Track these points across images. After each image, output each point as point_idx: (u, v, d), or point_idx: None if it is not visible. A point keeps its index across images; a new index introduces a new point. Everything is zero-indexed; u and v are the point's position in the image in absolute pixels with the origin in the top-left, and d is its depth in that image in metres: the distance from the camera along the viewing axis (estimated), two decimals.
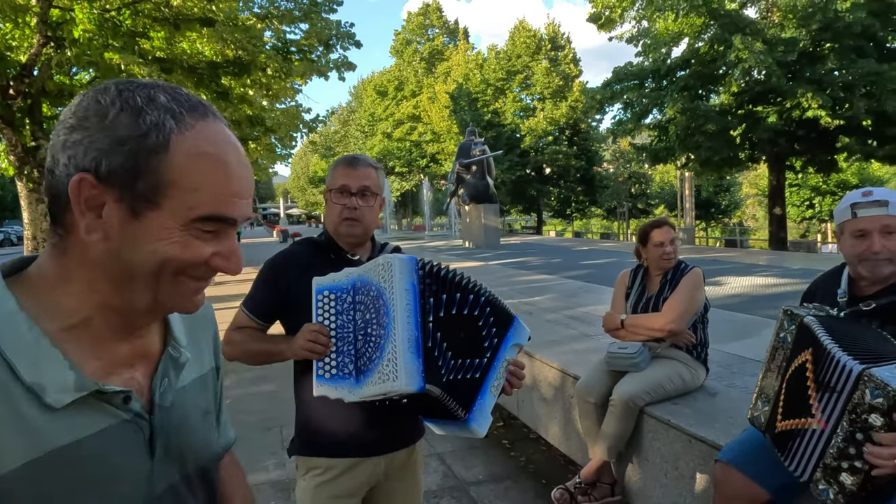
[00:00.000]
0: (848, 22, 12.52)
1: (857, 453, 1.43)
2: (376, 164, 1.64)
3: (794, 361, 1.70)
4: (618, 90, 16.40)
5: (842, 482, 1.45)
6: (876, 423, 1.38)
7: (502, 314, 1.40)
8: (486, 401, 1.35)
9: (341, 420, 1.51)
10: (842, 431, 1.45)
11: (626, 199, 33.12)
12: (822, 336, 1.60)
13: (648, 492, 2.69)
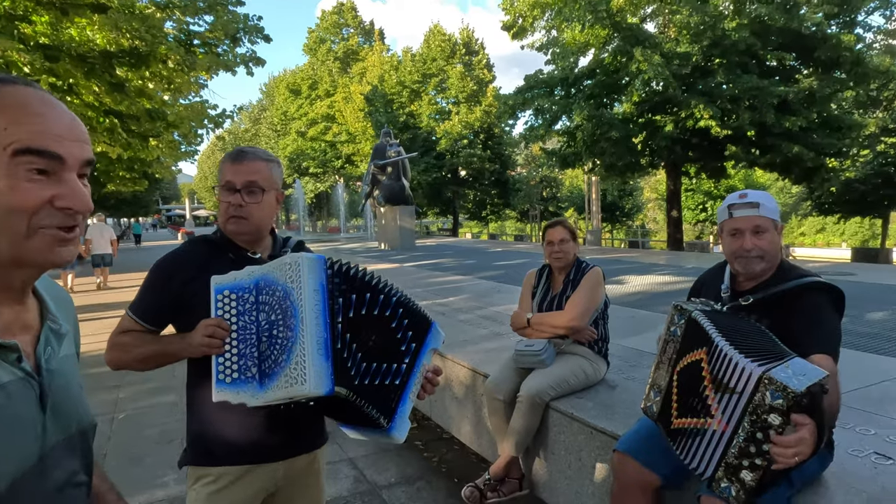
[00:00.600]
0: (734, 40, 13.58)
1: (757, 451, 1.50)
2: (268, 156, 1.55)
3: (687, 357, 1.81)
4: (529, 97, 16.90)
5: (742, 479, 1.52)
6: (775, 423, 1.46)
7: (419, 319, 1.39)
8: (406, 408, 1.34)
9: (237, 426, 1.44)
10: (743, 432, 1.52)
11: (537, 202, 34.21)
12: (713, 333, 1.70)
13: (554, 484, 2.78)
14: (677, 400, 1.80)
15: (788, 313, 1.84)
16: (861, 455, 2.11)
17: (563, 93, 16.96)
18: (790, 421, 1.44)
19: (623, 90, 15.47)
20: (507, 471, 2.82)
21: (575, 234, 2.99)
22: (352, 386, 1.23)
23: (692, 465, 1.67)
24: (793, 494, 1.79)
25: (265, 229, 1.57)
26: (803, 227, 53.81)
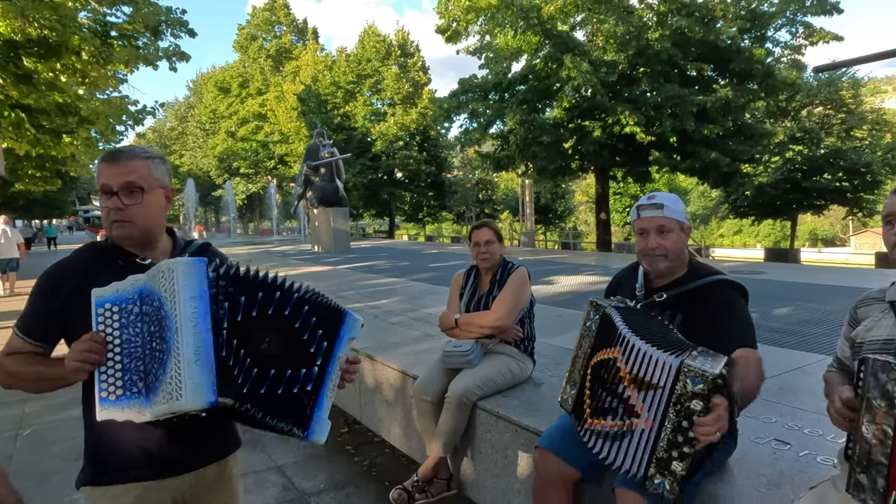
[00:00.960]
0: (657, 50, 14.25)
1: (684, 440, 1.54)
2: (148, 153, 1.45)
3: (601, 353, 1.87)
4: (464, 100, 17.08)
5: (674, 471, 1.56)
6: (697, 408, 1.51)
7: (328, 313, 1.33)
8: (323, 411, 1.30)
9: (134, 441, 1.36)
10: (669, 424, 1.56)
11: (473, 204, 34.61)
12: (625, 330, 1.74)
13: (481, 482, 2.81)
14: (590, 396, 1.86)
15: (702, 309, 1.93)
16: (762, 442, 2.25)
17: (497, 97, 17.24)
18: (710, 405, 1.50)
19: (554, 96, 15.90)
20: (435, 471, 2.83)
21: (500, 235, 3.04)
22: (241, 395, 1.17)
23: (623, 467, 1.67)
24: (700, 480, 1.88)
25: (155, 231, 1.46)
26: (722, 228, 57.05)
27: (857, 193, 22.92)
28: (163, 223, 1.48)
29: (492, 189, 38.21)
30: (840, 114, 24.41)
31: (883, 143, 24.08)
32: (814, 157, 22.80)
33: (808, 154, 23.05)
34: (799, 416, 2.51)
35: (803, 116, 24.49)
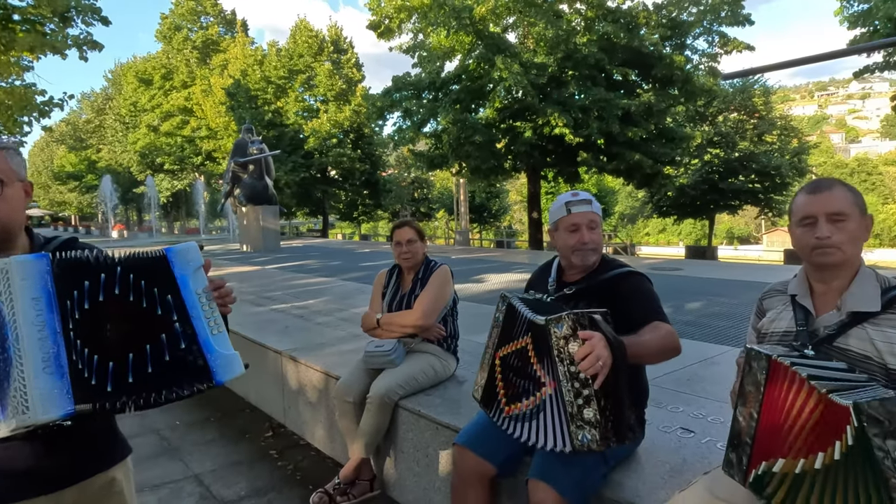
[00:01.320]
0: (584, 54, 14.69)
1: (581, 384, 1.61)
2: (3, 143, 1.34)
3: (511, 344, 1.91)
4: (397, 98, 17.01)
5: (587, 419, 1.61)
6: (574, 349, 1.60)
7: (152, 264, 1.22)
8: (216, 353, 1.21)
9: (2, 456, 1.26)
10: (564, 377, 1.63)
11: (409, 203, 34.54)
12: (525, 311, 1.82)
13: (403, 481, 2.80)
14: (504, 384, 1.90)
15: (614, 298, 2.00)
16: (669, 431, 2.36)
17: (430, 96, 17.27)
18: (579, 337, 1.60)
19: (486, 96, 16.10)
20: (357, 473, 2.80)
21: (423, 233, 3.04)
22: (105, 395, 1.10)
23: (548, 445, 1.70)
24: (608, 471, 1.95)
25: (14, 228, 1.33)
26: (648, 227, 59.66)
27: (768, 194, 24.57)
28: (23, 219, 1.36)
29: (427, 188, 38.26)
30: (753, 119, 26.03)
31: (790, 147, 25.87)
32: (729, 160, 24.24)
33: (724, 157, 24.48)
34: (703, 404, 2.65)
35: (720, 121, 25.95)
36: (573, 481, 1.80)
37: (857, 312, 1.41)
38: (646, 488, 1.90)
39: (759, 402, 1.30)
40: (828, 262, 1.45)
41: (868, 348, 1.38)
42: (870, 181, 65.52)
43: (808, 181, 1.33)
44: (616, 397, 1.64)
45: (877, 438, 1.02)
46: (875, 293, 1.42)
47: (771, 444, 1.27)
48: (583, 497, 1.84)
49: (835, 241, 1.42)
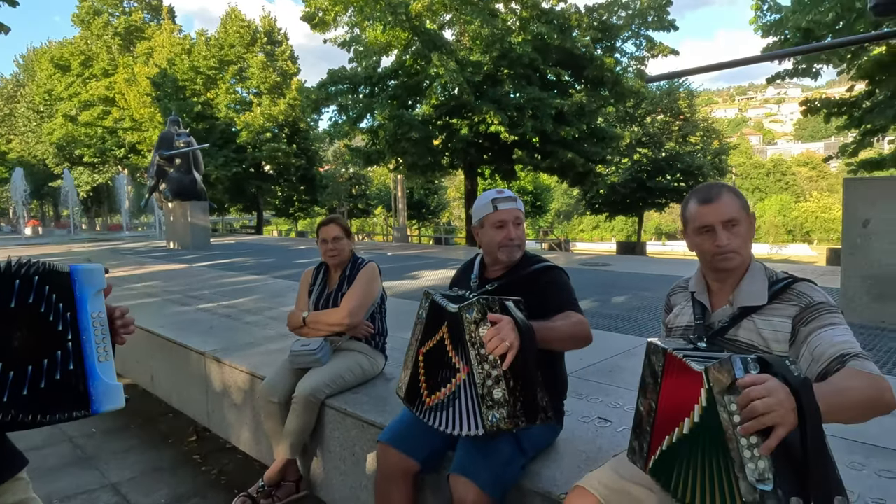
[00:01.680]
0: (519, 54, 14.95)
1: (490, 366, 1.66)
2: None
3: (432, 338, 1.93)
4: (332, 92, 16.73)
5: (497, 399, 1.66)
6: (483, 333, 1.66)
7: (58, 277, 1.19)
8: (99, 381, 1.18)
9: None
10: (476, 361, 1.67)
11: (346, 199, 34.09)
12: (444, 303, 1.84)
13: (330, 481, 2.78)
14: (426, 378, 1.92)
15: (535, 290, 2.05)
16: (588, 421, 2.44)
17: (367, 91, 17.11)
18: (488, 321, 1.67)
19: (423, 93, 16.10)
20: (283, 474, 2.74)
21: (349, 230, 3.01)
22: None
23: (465, 431, 1.72)
24: (526, 462, 1.99)
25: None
26: (582, 224, 61.53)
27: None
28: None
29: (365, 184, 37.89)
30: (678, 121, 27.27)
31: (712, 148, 27.28)
32: (657, 159, 25.31)
33: (652, 157, 25.54)
34: (622, 395, 2.76)
35: (648, 123, 27.03)
36: (493, 474, 1.83)
37: (746, 307, 1.53)
38: (563, 477, 1.96)
39: (657, 392, 1.38)
40: (728, 266, 1.55)
41: (755, 338, 1.49)
42: (784, 181, 70.07)
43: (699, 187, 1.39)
44: (526, 378, 1.69)
45: (718, 395, 1.11)
46: (763, 287, 1.54)
47: (667, 432, 1.34)
48: (502, 489, 1.87)
49: (733, 247, 1.53)
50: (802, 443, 1.06)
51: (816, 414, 1.07)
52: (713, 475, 1.15)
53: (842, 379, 1.27)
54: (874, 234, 4.68)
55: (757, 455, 1.07)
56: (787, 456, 1.07)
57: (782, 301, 1.50)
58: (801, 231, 56.93)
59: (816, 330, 1.40)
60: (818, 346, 1.36)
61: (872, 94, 11.97)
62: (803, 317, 1.44)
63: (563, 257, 12.75)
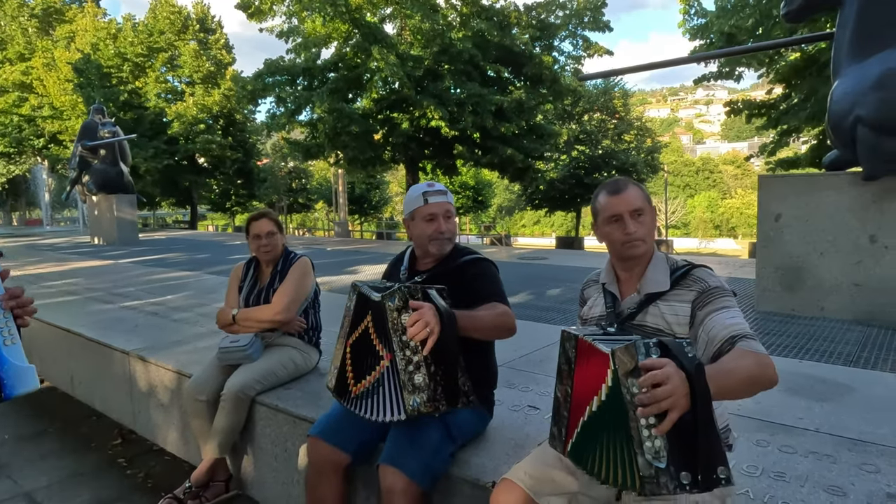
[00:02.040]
0: (459, 49, 15.02)
1: (411, 352, 1.69)
2: None
3: (358, 328, 1.94)
4: (270, 83, 16.29)
5: (417, 384, 1.69)
6: (406, 320, 1.68)
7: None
8: (11, 360, 1.16)
9: None
10: (398, 347, 1.70)
11: (285, 194, 33.32)
12: (369, 293, 1.85)
13: (262, 479, 2.73)
14: (353, 369, 1.92)
15: (464, 281, 2.08)
16: (518, 409, 2.51)
17: (305, 83, 16.76)
18: (409, 308, 1.70)
19: (363, 86, 15.93)
20: (211, 474, 2.68)
21: (281, 225, 2.96)
22: None
23: (388, 417, 1.76)
24: (456, 450, 2.03)
25: None
26: (524, 219, 62.63)
27: None
28: None
29: (306, 178, 37.16)
30: (613, 120, 28.17)
31: (645, 146, 28.34)
32: (594, 156, 26.08)
33: (590, 154, 26.30)
34: (552, 383, 2.80)
35: (585, 121, 27.79)
36: (421, 463, 1.85)
37: (651, 294, 1.64)
38: (491, 464, 2.00)
39: (572, 378, 1.44)
40: (636, 253, 1.66)
41: (660, 322, 1.60)
42: (712, 178, 73.67)
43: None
44: (446, 363, 1.73)
45: (622, 377, 1.19)
46: (665, 275, 1.65)
47: (582, 414, 1.40)
48: (431, 478, 1.90)
49: (640, 235, 1.64)
50: (693, 423, 1.15)
51: (707, 397, 1.16)
52: (617, 451, 1.23)
53: (731, 360, 1.38)
54: (785, 228, 5.00)
55: (654, 435, 1.16)
56: (679, 435, 1.16)
57: (682, 287, 1.61)
58: (727, 226, 60.03)
59: (711, 313, 1.51)
60: (712, 328, 1.48)
61: (788, 96, 12.75)
62: (700, 300, 1.56)
63: (503, 252, 12.95)
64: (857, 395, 2.71)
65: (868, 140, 4.48)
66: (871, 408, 2.54)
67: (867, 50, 4.57)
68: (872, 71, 4.46)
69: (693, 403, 1.15)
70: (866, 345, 4.01)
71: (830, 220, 4.79)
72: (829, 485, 1.83)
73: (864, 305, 4.69)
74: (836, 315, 4.83)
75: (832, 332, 4.38)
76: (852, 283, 4.74)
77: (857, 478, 1.88)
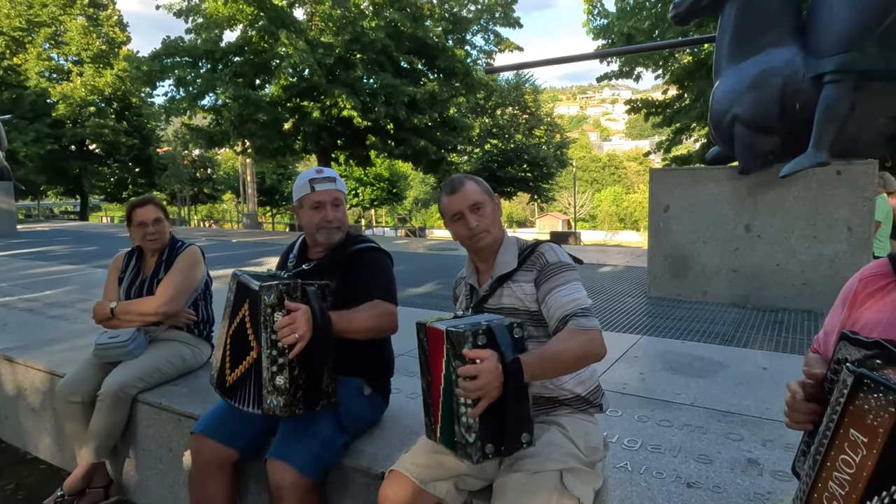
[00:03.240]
0: (372, 39, 14.82)
1: (278, 352, 1.65)
2: None
3: (237, 317, 1.86)
4: (168, 64, 15.31)
5: (277, 385, 1.66)
6: (279, 318, 1.65)
7: None
8: None
9: None
10: (266, 344, 1.65)
11: (188, 183, 31.56)
12: (248, 280, 1.80)
13: (145, 482, 2.57)
14: (230, 360, 1.86)
15: (355, 270, 2.05)
16: (416, 397, 2.51)
17: (209, 66, 15.90)
18: (284, 308, 1.67)
19: (271, 72, 15.36)
20: (87, 481, 2.48)
21: (167, 212, 2.78)
22: None
23: (248, 408, 1.73)
24: (348, 440, 2.00)
25: None
26: None
27: (537, 183, 27.62)
28: None
29: (212, 167, 35.38)
30: (525, 115, 28.94)
31: (554, 141, 29.35)
32: (506, 150, 26.69)
33: (502, 148, 26.87)
34: None
35: (498, 115, 28.35)
36: (312, 455, 1.81)
37: (502, 275, 1.70)
38: (384, 452, 1.99)
39: (429, 366, 1.46)
40: (482, 245, 1.72)
41: (515, 302, 1.67)
42: (617, 174, 77.62)
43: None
44: (312, 368, 1.71)
45: (452, 358, 1.32)
46: (514, 256, 1.73)
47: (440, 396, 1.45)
48: (322, 469, 1.86)
49: (482, 227, 1.70)
50: (503, 405, 1.31)
51: (520, 385, 1.33)
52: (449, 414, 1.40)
53: (559, 342, 1.49)
54: (673, 219, 5.35)
55: (468, 413, 1.32)
56: (490, 414, 1.31)
57: (528, 266, 1.70)
58: (630, 219, 63.52)
59: (550, 291, 1.61)
60: (550, 307, 1.59)
61: (681, 97, 13.62)
62: (540, 277, 1.65)
63: (415, 243, 12.96)
64: (729, 371, 2.94)
65: (744, 137, 4.87)
66: (739, 382, 2.76)
67: (744, 53, 4.95)
68: (748, 73, 4.85)
69: (505, 390, 1.29)
70: (740, 325, 4.37)
71: (711, 212, 5.17)
72: (699, 454, 1.97)
73: (740, 289, 5.11)
74: (716, 299, 5.22)
75: (712, 314, 4.73)
76: (730, 269, 5.15)
77: (723, 446, 2.04)
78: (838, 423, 0.91)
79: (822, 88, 4.57)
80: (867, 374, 0.88)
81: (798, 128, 4.68)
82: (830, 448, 0.92)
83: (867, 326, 1.18)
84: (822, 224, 4.76)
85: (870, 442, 0.85)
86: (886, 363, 0.92)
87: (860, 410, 0.88)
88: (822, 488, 0.93)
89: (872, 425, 0.85)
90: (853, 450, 0.88)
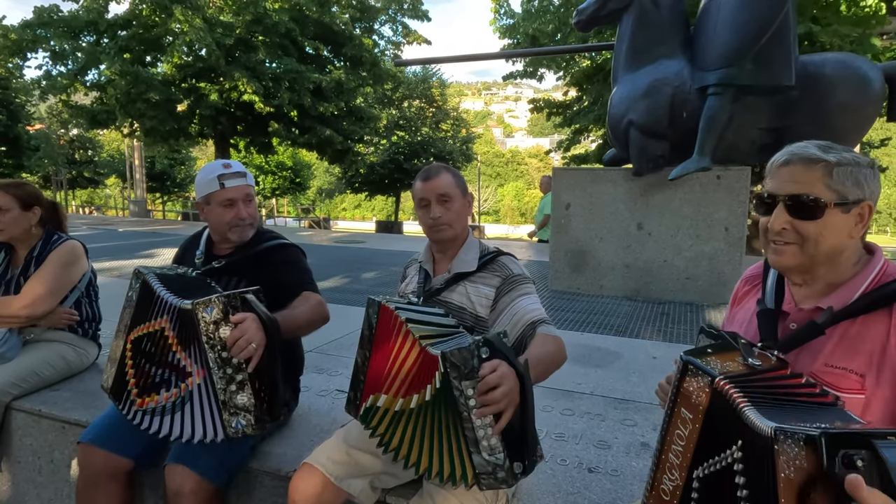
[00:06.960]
0: (275, 21, 14.22)
1: (233, 370, 1.54)
2: None
3: (143, 325, 1.73)
4: (42, 34, 13.82)
5: (241, 404, 1.55)
6: (226, 334, 1.53)
7: None
8: None
9: None
10: (214, 363, 1.54)
11: (65, 166, 28.78)
12: (162, 293, 1.67)
13: (22, 497, 2.34)
14: (135, 373, 1.72)
15: (270, 267, 1.98)
16: (325, 394, 2.48)
17: (92, 39, 14.55)
18: (230, 321, 1.56)
19: (164, 49, 14.33)
20: None
21: (28, 200, 2.47)
22: None
23: (197, 436, 1.59)
24: (256, 442, 1.93)
25: None
26: (345, 203, 62.05)
27: None
28: None
29: (94, 149, 32.47)
30: (432, 108, 29.06)
31: (460, 136, 29.75)
32: (413, 142, 26.68)
33: (409, 140, 26.84)
34: None
35: (405, 107, 28.27)
36: (216, 460, 1.73)
37: (459, 273, 1.73)
38: (293, 452, 1.95)
39: (371, 343, 1.46)
40: (442, 237, 1.75)
41: (464, 301, 1.70)
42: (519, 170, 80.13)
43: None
44: (271, 377, 1.63)
45: (455, 380, 1.22)
46: (475, 258, 1.76)
47: (378, 381, 1.45)
48: (227, 474, 1.79)
49: (445, 220, 1.72)
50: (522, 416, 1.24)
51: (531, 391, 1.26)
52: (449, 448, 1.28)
53: (538, 346, 1.50)
54: (573, 216, 5.62)
55: (490, 434, 1.22)
56: (511, 429, 1.24)
57: (488, 271, 1.73)
58: (531, 214, 65.87)
59: (514, 299, 1.65)
60: (516, 313, 1.61)
61: (581, 99, 14.28)
62: (503, 287, 1.69)
63: (320, 235, 12.68)
64: (624, 361, 3.15)
65: (638, 141, 5.20)
66: (633, 371, 2.97)
67: (639, 62, 5.28)
68: (642, 81, 5.18)
69: (523, 399, 1.23)
70: (633, 317, 4.68)
71: (608, 210, 5.49)
72: (599, 440, 2.10)
73: (633, 284, 5.47)
74: (611, 292, 5.56)
75: (608, 307, 5.03)
76: (623, 264, 5.49)
77: (619, 432, 2.18)
78: (673, 402, 1.06)
79: (706, 99, 4.98)
80: (691, 361, 1.03)
81: (686, 134, 5.06)
82: (668, 424, 1.07)
83: (735, 324, 1.34)
84: (703, 224, 5.19)
85: (694, 418, 1.00)
86: (717, 352, 1.07)
87: (686, 392, 1.03)
88: (664, 459, 1.07)
89: (695, 404, 1.00)
90: (683, 425, 1.03)
